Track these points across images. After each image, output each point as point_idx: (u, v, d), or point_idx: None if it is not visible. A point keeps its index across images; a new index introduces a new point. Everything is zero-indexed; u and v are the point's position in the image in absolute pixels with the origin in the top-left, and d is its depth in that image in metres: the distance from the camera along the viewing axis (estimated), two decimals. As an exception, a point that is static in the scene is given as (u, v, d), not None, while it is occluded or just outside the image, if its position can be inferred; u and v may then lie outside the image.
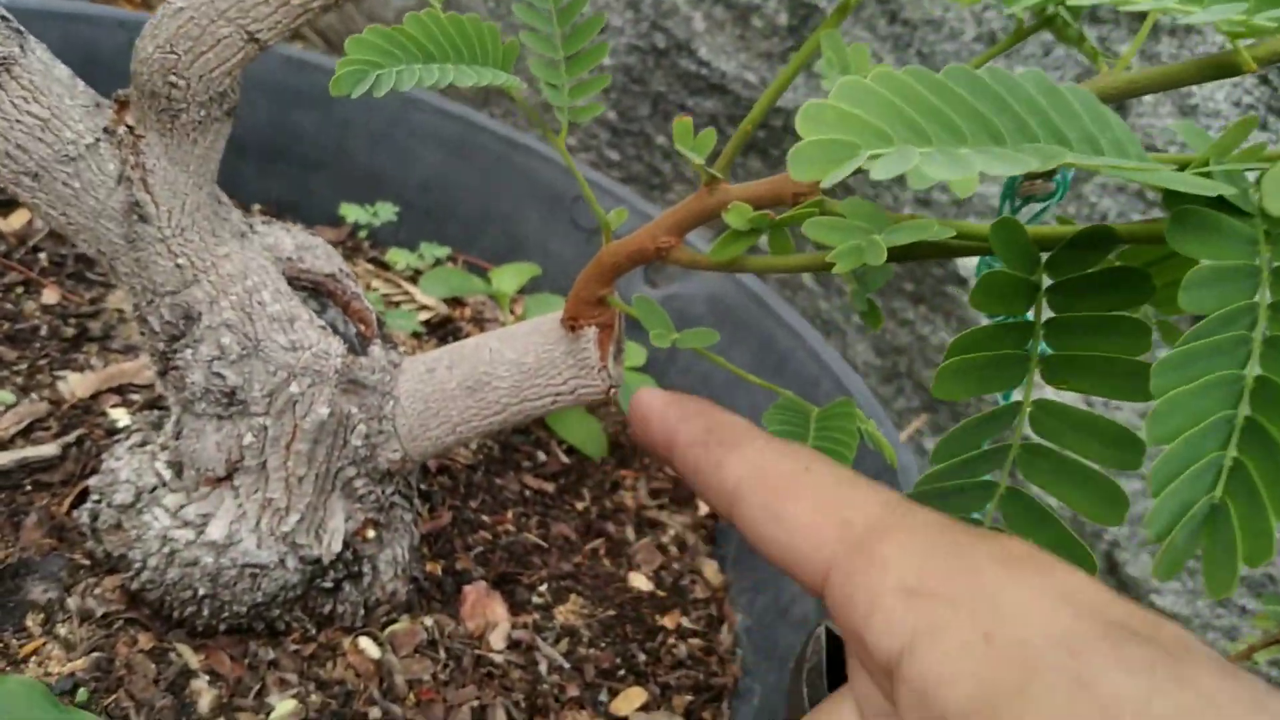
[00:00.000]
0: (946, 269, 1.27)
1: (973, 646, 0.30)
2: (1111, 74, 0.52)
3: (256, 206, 1.12)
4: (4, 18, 0.56)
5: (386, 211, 1.10)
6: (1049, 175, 0.58)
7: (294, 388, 0.63)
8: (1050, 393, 0.42)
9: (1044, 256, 0.41)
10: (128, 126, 0.58)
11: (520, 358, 0.64)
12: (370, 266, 1.10)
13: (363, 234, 1.12)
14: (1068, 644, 0.29)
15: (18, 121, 0.56)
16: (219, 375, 0.62)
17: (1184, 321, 0.40)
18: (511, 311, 1.06)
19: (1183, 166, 0.36)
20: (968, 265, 1.26)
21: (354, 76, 0.48)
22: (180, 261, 0.61)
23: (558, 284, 1.11)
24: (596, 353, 0.62)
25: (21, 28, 0.57)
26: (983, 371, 0.41)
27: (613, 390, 0.63)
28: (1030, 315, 0.41)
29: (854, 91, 0.31)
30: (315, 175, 1.13)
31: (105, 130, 0.58)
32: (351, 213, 1.10)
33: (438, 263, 1.10)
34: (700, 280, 1.06)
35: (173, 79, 0.56)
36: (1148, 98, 1.12)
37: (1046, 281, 0.40)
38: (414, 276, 1.08)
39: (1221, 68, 0.38)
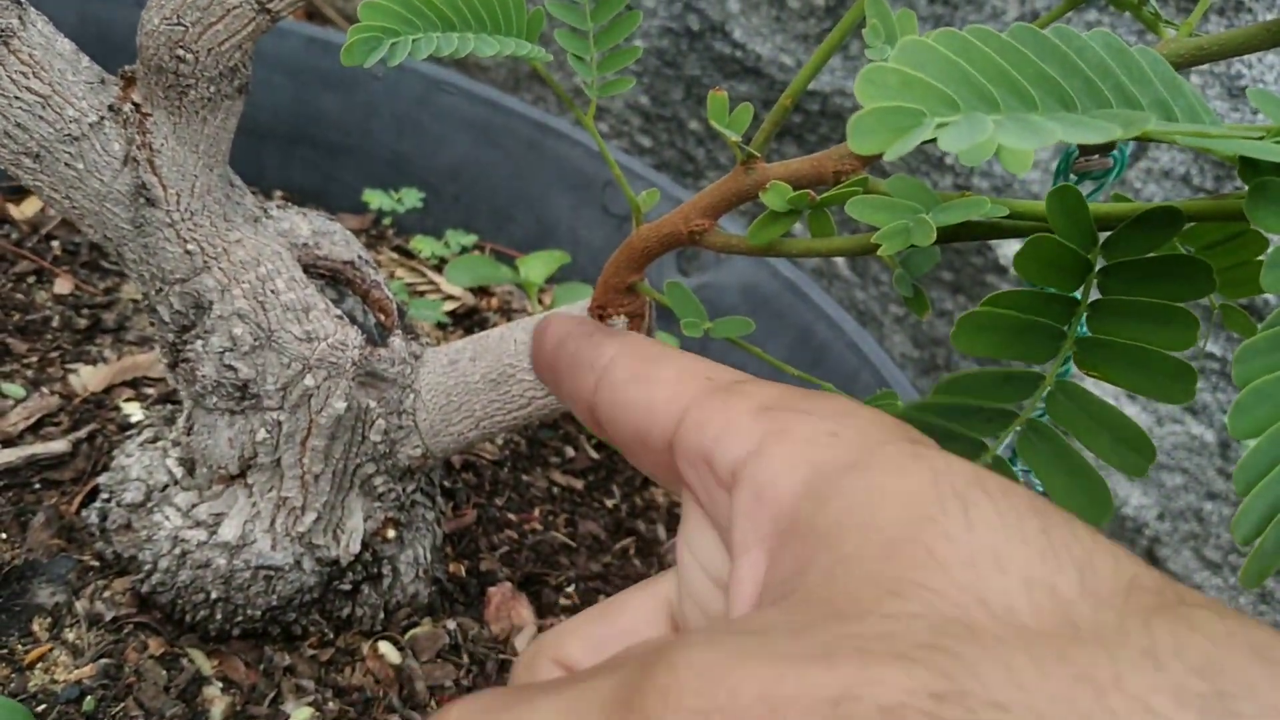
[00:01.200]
0: (986, 258, 1.23)
1: (817, 440, 0.29)
2: (1176, 40, 0.48)
3: (278, 193, 1.09)
4: (0, -13, 0.53)
5: (412, 198, 1.07)
6: (1106, 150, 0.54)
7: (309, 380, 0.60)
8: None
9: (1102, 237, 0.37)
10: (133, 104, 0.55)
11: (547, 349, 0.61)
12: (395, 255, 1.07)
13: (387, 221, 1.09)
14: (909, 436, 0.29)
15: (17, 98, 0.53)
16: (231, 368, 0.59)
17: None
18: (540, 301, 1.03)
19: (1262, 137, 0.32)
20: (1008, 254, 1.22)
21: (367, 44, 0.45)
22: (190, 247, 0.58)
23: (588, 273, 1.07)
24: (626, 345, 0.58)
25: None
26: (1011, 334, 0.38)
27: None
28: (1077, 294, 0.38)
29: (917, 52, 0.28)
30: (339, 160, 1.10)
31: (110, 108, 0.55)
32: (376, 199, 1.07)
33: (464, 251, 1.07)
34: (734, 269, 1.03)
35: (180, 52, 0.53)
36: (1194, 78, 1.07)
37: (1101, 262, 0.37)
38: (440, 265, 1.05)
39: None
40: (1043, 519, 0.25)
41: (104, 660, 0.62)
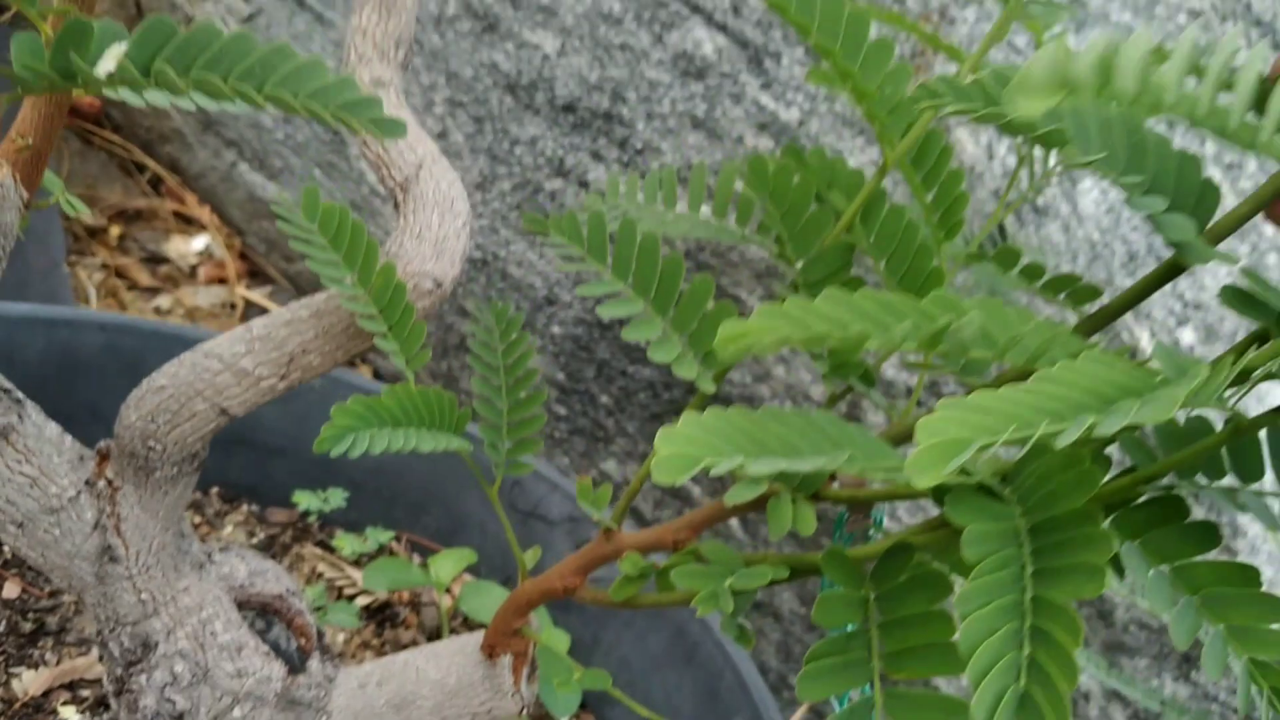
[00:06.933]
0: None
1: None
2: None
3: (215, 489, 1.20)
4: (6, 390, 0.64)
5: (337, 498, 1.18)
6: (866, 511, 0.69)
7: (237, 712, 0.69)
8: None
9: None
10: (107, 480, 0.67)
11: (443, 678, 0.71)
12: (318, 550, 1.17)
13: (312, 518, 1.20)
14: None
15: (9, 480, 0.64)
16: (170, 700, 0.69)
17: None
18: (449, 592, 1.13)
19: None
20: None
21: (337, 437, 0.58)
22: (143, 596, 0.68)
23: (494, 564, 1.18)
24: (510, 678, 0.70)
25: (21, 397, 0.65)
26: (834, 675, 0.49)
27: (524, 710, 0.71)
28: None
29: (695, 424, 0.41)
30: (273, 461, 1.21)
31: (86, 483, 0.67)
32: (304, 499, 1.17)
33: (381, 549, 1.18)
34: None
35: (151, 443, 0.64)
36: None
37: (874, 593, 0.50)
38: (358, 561, 1.16)
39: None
40: None
41: None
